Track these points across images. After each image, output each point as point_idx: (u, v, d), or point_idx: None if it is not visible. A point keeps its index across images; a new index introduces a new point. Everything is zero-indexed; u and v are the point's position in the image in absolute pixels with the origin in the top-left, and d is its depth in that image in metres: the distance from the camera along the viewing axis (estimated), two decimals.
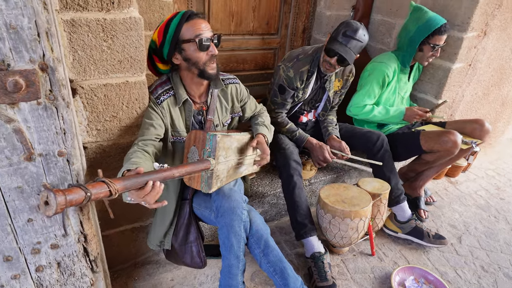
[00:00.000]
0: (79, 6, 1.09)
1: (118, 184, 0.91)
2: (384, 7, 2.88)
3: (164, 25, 1.36)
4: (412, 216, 2.25)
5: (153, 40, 1.42)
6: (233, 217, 1.40)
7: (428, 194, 2.72)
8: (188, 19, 1.35)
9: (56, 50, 0.87)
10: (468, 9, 2.38)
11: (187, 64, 1.41)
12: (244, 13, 2.61)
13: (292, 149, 2.02)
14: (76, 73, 1.17)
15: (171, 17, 1.37)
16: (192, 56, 1.38)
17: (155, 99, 1.42)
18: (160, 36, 1.38)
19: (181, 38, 1.35)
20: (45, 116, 0.92)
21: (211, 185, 1.37)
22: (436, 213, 2.58)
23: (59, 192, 0.76)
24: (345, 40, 1.88)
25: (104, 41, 1.17)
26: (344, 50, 1.87)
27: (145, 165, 1.23)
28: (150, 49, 1.46)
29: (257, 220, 1.52)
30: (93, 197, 0.83)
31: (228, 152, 1.44)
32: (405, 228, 2.23)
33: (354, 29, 1.87)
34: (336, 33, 1.93)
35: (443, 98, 2.72)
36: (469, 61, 2.68)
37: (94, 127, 1.31)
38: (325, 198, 1.92)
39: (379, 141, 2.22)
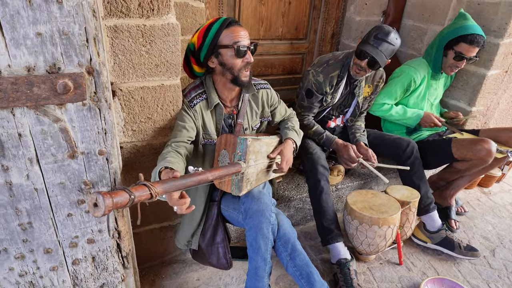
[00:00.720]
0: (122, 13, 1.14)
1: (158, 188, 0.94)
2: (416, 12, 2.83)
3: (204, 28, 1.40)
4: (442, 226, 2.18)
5: (192, 42, 1.47)
6: (261, 219, 1.41)
7: (459, 204, 2.62)
8: (228, 26, 1.39)
9: (101, 54, 0.92)
10: (505, 14, 2.30)
11: (222, 69, 1.45)
12: (273, 19, 2.64)
13: (320, 154, 2.01)
14: (116, 76, 1.23)
15: (212, 21, 1.40)
16: (228, 61, 1.41)
17: (188, 102, 1.47)
18: (199, 38, 1.42)
19: (219, 43, 1.39)
20: (89, 117, 0.97)
21: (241, 188, 1.40)
22: (468, 224, 2.48)
23: (107, 195, 0.80)
24: (377, 43, 1.86)
25: (143, 46, 1.22)
26: (376, 52, 1.86)
27: (179, 166, 1.27)
28: (188, 51, 1.50)
29: (284, 224, 1.53)
30: (136, 200, 0.87)
31: (257, 156, 1.46)
32: (434, 238, 2.17)
33: (386, 32, 1.85)
34: (367, 36, 1.91)
35: (477, 105, 2.63)
36: (505, 68, 2.58)
37: (130, 128, 1.36)
38: (353, 204, 1.90)
39: (408, 148, 2.18)
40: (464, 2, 2.50)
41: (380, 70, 2.20)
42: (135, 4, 1.15)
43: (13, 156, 0.93)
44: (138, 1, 1.15)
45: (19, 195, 0.99)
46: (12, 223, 1.02)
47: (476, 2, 2.44)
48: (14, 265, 1.08)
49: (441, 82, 2.48)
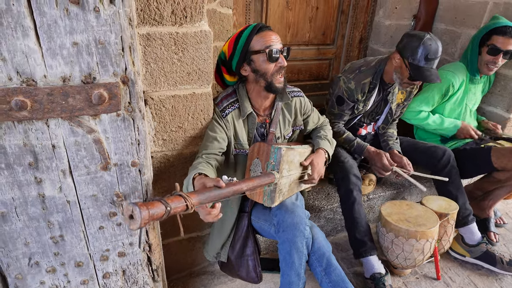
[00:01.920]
0: (155, 21, 1.12)
1: (194, 199, 0.90)
2: (448, 15, 2.71)
3: (235, 37, 1.38)
4: (482, 239, 2.05)
5: (223, 51, 1.44)
6: (295, 233, 1.35)
7: (498, 215, 2.47)
8: (259, 31, 1.36)
9: (136, 63, 0.89)
10: None
11: (255, 76, 1.41)
12: (300, 24, 2.58)
13: (352, 163, 1.93)
14: (148, 85, 1.20)
15: (242, 29, 1.38)
16: (261, 67, 1.37)
17: (220, 112, 1.43)
18: (230, 47, 1.39)
19: (251, 49, 1.36)
20: (122, 127, 0.94)
21: (274, 199, 1.34)
22: (508, 236, 2.33)
23: (143, 207, 0.77)
24: (429, 64, 1.78)
25: (175, 54, 1.19)
26: (432, 74, 1.78)
27: (211, 174, 1.23)
28: (219, 60, 1.48)
29: (319, 237, 1.47)
30: (172, 212, 0.83)
31: (290, 166, 1.40)
32: (474, 252, 2.04)
33: (435, 50, 1.76)
34: (414, 58, 1.79)
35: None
36: None
37: (160, 137, 1.33)
38: (387, 216, 1.80)
39: (445, 156, 2.06)
40: (502, 4, 2.37)
41: None
42: (168, 11, 1.12)
43: (46, 168, 0.91)
44: (171, 8, 1.12)
45: (52, 207, 0.97)
46: (44, 236, 1.00)
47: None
48: (45, 279, 1.06)
49: (479, 87, 2.35)
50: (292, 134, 1.67)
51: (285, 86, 1.46)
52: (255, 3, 2.35)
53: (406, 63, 1.82)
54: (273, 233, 1.47)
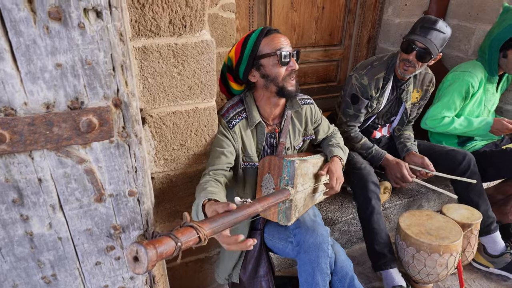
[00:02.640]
0: (151, 32, 1.01)
1: (207, 228, 0.79)
2: (461, 11, 2.57)
3: (241, 41, 1.31)
4: (506, 249, 1.93)
5: (229, 58, 1.36)
6: (319, 254, 1.26)
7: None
8: (267, 34, 1.29)
9: (130, 83, 0.78)
10: None
11: (264, 82, 1.32)
12: (306, 25, 2.47)
13: (369, 169, 1.81)
14: (146, 102, 1.10)
15: (249, 33, 1.30)
16: (271, 71, 1.29)
17: (227, 123, 1.33)
18: (237, 52, 1.31)
19: (259, 53, 1.28)
20: (117, 155, 0.83)
21: (290, 217, 1.24)
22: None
23: (150, 246, 0.65)
24: (424, 32, 1.70)
25: (175, 67, 1.08)
26: (424, 40, 1.68)
27: (221, 196, 1.14)
28: (224, 68, 1.40)
29: (341, 256, 1.37)
30: (183, 247, 0.72)
31: (305, 179, 1.30)
32: (498, 263, 1.93)
33: (433, 21, 1.69)
34: (413, 28, 1.76)
35: None
36: None
37: (161, 157, 1.23)
38: (407, 229, 1.68)
39: (465, 161, 1.93)
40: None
41: (430, 73, 1.99)
42: (165, 21, 1.01)
43: (33, 204, 0.81)
44: (169, 18, 1.01)
45: (41, 246, 0.87)
46: (35, 277, 0.90)
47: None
48: None
49: (499, 86, 2.22)
50: (303, 144, 1.57)
51: (297, 90, 1.36)
52: (258, 6, 2.24)
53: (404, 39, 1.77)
54: (290, 251, 1.38)
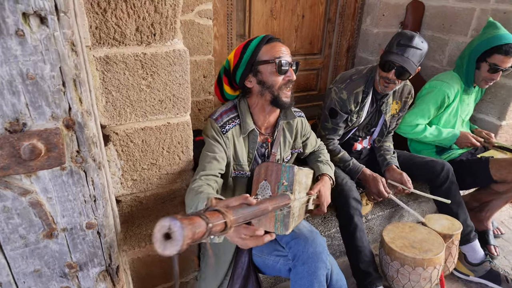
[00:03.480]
0: (115, 41, 0.90)
1: (232, 216, 0.67)
2: (435, 22, 2.61)
3: (243, 45, 1.28)
4: (485, 257, 1.94)
5: (227, 60, 1.32)
6: (318, 264, 1.18)
7: (495, 225, 2.37)
8: (269, 42, 1.27)
9: (86, 101, 0.66)
10: None
11: (260, 88, 1.28)
12: (286, 34, 2.41)
13: (350, 185, 1.75)
14: (109, 118, 0.98)
15: (251, 39, 1.28)
16: (268, 79, 1.25)
17: (220, 128, 1.27)
18: (237, 55, 1.27)
19: (258, 59, 1.26)
20: (70, 183, 0.71)
21: (288, 225, 1.14)
22: (507, 247, 2.24)
23: (185, 221, 0.53)
24: (401, 50, 1.66)
25: (143, 79, 0.97)
26: (402, 59, 1.66)
27: None
28: (222, 70, 1.36)
29: (335, 269, 1.32)
30: (212, 230, 0.60)
31: (301, 187, 1.24)
32: (478, 271, 1.93)
33: (409, 37, 1.66)
34: (389, 45, 1.73)
35: (507, 119, 2.40)
36: None
37: (129, 177, 1.11)
38: (391, 243, 1.62)
39: (444, 171, 1.92)
40: (489, 10, 2.29)
41: (408, 85, 1.98)
42: (131, 28, 0.90)
43: None
44: (135, 24, 0.90)
45: None
46: None
47: (502, 11, 2.23)
48: None
49: (472, 97, 2.25)
50: (290, 157, 1.50)
51: (292, 101, 1.32)
52: (237, 13, 2.16)
53: (382, 55, 1.74)
54: (281, 266, 1.30)
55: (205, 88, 1.86)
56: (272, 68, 1.24)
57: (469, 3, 2.37)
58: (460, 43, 2.47)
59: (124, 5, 0.87)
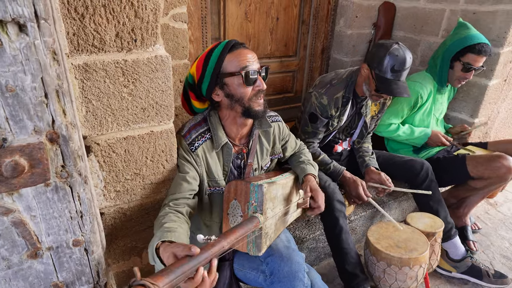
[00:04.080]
0: (94, 47, 0.86)
1: (162, 283, 0.65)
2: (407, 23, 2.70)
3: (204, 57, 1.17)
4: (466, 253, 2.00)
5: (190, 74, 1.22)
6: (294, 283, 1.15)
7: (472, 221, 2.46)
8: (232, 49, 1.15)
9: (69, 112, 0.63)
10: (504, 23, 2.20)
11: (229, 101, 1.19)
12: (261, 36, 2.41)
13: (333, 187, 1.76)
14: (90, 128, 0.94)
15: (212, 47, 1.17)
16: (236, 91, 1.16)
17: (189, 146, 1.19)
18: (199, 68, 1.17)
19: (223, 71, 1.15)
20: (55, 200, 0.67)
21: (260, 247, 1.13)
22: (484, 242, 2.32)
23: None
24: (396, 76, 1.67)
25: (125, 87, 0.94)
26: (399, 87, 1.67)
27: (181, 232, 1.00)
28: (186, 84, 1.26)
29: (317, 282, 1.29)
30: None
31: (275, 203, 1.21)
32: (459, 267, 1.98)
33: (402, 61, 1.65)
34: (381, 69, 1.68)
35: (479, 116, 2.51)
36: (504, 77, 2.48)
37: (112, 189, 1.06)
38: (376, 243, 1.65)
39: (423, 170, 1.98)
40: (459, 11, 2.39)
41: None
42: (111, 34, 0.87)
43: None
44: (115, 30, 0.87)
45: None
46: None
47: (472, 11, 2.33)
48: None
49: (446, 96, 2.33)
50: (270, 164, 1.47)
51: (265, 109, 1.25)
52: (211, 16, 2.14)
53: (373, 74, 1.72)
54: (262, 281, 1.26)
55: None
56: (239, 80, 1.15)
57: (439, 4, 2.46)
58: (432, 43, 2.55)
59: (103, 10, 0.84)
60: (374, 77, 1.71)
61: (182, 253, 0.78)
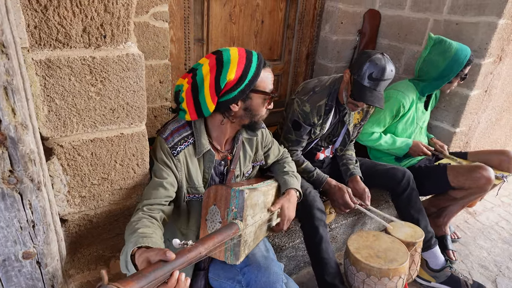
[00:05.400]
0: (58, 42, 0.79)
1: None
2: (391, 31, 2.72)
3: (244, 62, 1.11)
4: (446, 263, 2.00)
5: (226, 79, 1.12)
6: None
7: (452, 230, 2.48)
8: (264, 66, 1.16)
9: (19, 112, 0.57)
10: (486, 34, 2.23)
11: (243, 114, 1.18)
12: (245, 39, 2.37)
13: (314, 195, 1.73)
14: (53, 129, 0.87)
15: (244, 54, 1.12)
16: (256, 108, 1.17)
17: (170, 149, 1.12)
18: (239, 73, 1.09)
19: (256, 87, 1.14)
20: (2, 208, 0.61)
21: (238, 255, 1.08)
22: (463, 251, 2.34)
23: None
24: (373, 84, 1.64)
25: (92, 86, 0.87)
26: (372, 97, 1.65)
27: (156, 238, 0.94)
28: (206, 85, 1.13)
29: None
30: None
31: (255, 210, 1.16)
32: (439, 277, 1.98)
33: (381, 69, 1.62)
34: (359, 74, 1.66)
35: (461, 126, 2.54)
36: (485, 88, 2.52)
37: (77, 194, 0.99)
38: (356, 253, 1.62)
39: (404, 179, 1.97)
40: (442, 21, 2.41)
41: None
42: (77, 29, 0.80)
43: None
44: (82, 24, 0.81)
45: None
46: None
47: (455, 22, 2.36)
48: None
49: (428, 104, 2.34)
50: (252, 170, 1.43)
51: None
52: (194, 16, 2.09)
53: (352, 80, 1.70)
54: None
55: (161, 94, 1.77)
56: (264, 99, 1.16)
57: (423, 13, 2.48)
58: (415, 52, 2.57)
59: (69, 3, 0.78)
60: (352, 83, 1.70)
61: (156, 258, 0.73)
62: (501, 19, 2.14)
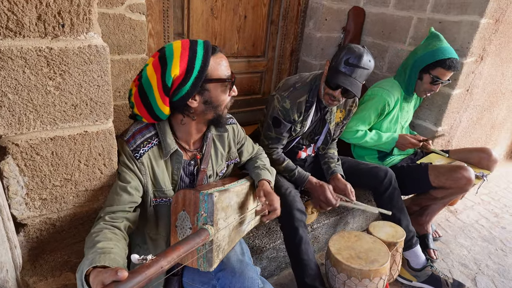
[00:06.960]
0: (9, 31, 0.72)
1: None
2: (375, 29, 2.70)
3: (187, 54, 1.01)
4: (427, 262, 2.00)
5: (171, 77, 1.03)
6: None
7: (433, 229, 2.49)
8: (213, 53, 1.06)
9: None
10: (468, 33, 2.23)
11: (204, 108, 1.09)
12: (228, 34, 2.31)
13: (294, 194, 1.69)
14: (6, 126, 0.79)
15: (187, 44, 1.03)
16: (217, 98, 1.08)
17: (132, 152, 1.06)
18: (183, 67, 1.01)
19: (208, 76, 1.04)
20: None
21: (212, 261, 1.03)
22: (444, 250, 2.35)
23: None
24: (349, 70, 1.60)
25: (50, 79, 0.80)
26: (349, 81, 1.60)
27: (117, 251, 0.87)
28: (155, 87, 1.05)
29: None
30: None
31: (228, 212, 1.11)
32: (420, 276, 1.98)
33: (358, 56, 1.59)
34: (336, 61, 1.64)
35: (443, 125, 2.55)
36: (467, 87, 2.53)
37: (37, 197, 0.92)
38: (337, 254, 1.59)
39: (387, 178, 1.96)
40: (426, 19, 2.41)
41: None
42: (31, 16, 0.73)
43: None
44: (36, 12, 0.73)
45: None
46: None
47: (438, 20, 2.35)
48: None
49: (412, 104, 2.34)
50: (227, 169, 1.37)
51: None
52: (174, 9, 2.01)
53: (329, 68, 1.68)
54: None
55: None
56: (223, 87, 1.08)
57: (407, 11, 2.47)
58: (399, 50, 2.56)
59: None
60: (328, 70, 1.67)
61: (109, 280, 0.67)
62: (483, 18, 2.14)
